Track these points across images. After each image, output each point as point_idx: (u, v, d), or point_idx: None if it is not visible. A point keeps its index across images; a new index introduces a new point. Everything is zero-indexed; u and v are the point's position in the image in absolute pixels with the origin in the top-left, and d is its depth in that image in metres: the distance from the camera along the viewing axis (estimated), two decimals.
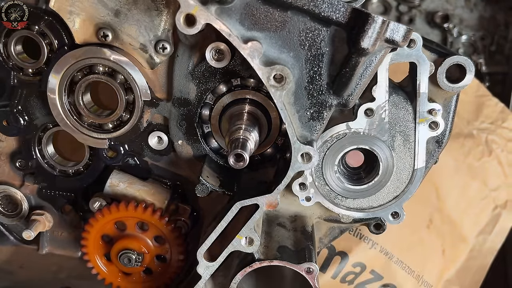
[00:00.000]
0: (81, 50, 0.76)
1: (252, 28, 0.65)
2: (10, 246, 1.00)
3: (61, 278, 0.98)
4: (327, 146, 0.78)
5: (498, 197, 1.44)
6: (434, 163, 0.82)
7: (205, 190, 0.76)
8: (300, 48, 0.66)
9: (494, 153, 1.41)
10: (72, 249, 0.99)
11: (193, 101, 0.78)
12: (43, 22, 0.76)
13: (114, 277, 0.92)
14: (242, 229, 0.75)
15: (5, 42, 0.79)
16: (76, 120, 0.81)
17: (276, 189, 0.73)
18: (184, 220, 0.90)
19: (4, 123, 0.85)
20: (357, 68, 0.65)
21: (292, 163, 0.71)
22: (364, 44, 0.61)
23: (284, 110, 0.67)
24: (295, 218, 0.88)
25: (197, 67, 0.75)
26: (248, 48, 0.63)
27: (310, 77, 0.68)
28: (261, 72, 0.64)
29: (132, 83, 0.77)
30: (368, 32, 0.60)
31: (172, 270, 0.90)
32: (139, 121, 0.80)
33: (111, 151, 0.85)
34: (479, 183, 1.40)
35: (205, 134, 0.82)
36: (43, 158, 0.90)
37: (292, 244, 0.84)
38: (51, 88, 0.78)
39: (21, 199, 0.94)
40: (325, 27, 0.64)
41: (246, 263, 0.80)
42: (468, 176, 1.39)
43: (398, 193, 0.81)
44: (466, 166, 1.39)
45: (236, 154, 0.68)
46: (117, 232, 0.88)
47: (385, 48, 0.66)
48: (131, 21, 0.73)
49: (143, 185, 0.88)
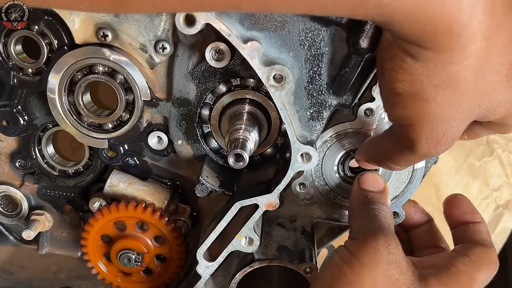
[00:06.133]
0: (81, 50, 0.75)
1: (252, 28, 0.64)
2: (10, 246, 1.00)
3: (61, 278, 0.97)
4: (327, 146, 0.78)
5: (500, 197, 1.44)
6: (434, 163, 0.82)
7: (204, 190, 0.76)
8: (299, 48, 0.66)
9: (496, 153, 1.41)
10: (72, 249, 0.99)
11: (193, 101, 0.78)
12: (43, 22, 0.76)
13: (114, 277, 0.92)
14: (242, 229, 0.75)
15: (5, 42, 0.79)
16: (75, 120, 0.81)
17: (276, 189, 0.73)
18: (184, 220, 0.90)
19: (4, 123, 0.85)
20: (357, 68, 0.65)
21: (292, 163, 0.70)
22: (363, 44, 0.60)
23: (283, 110, 0.67)
24: (295, 218, 0.88)
25: (197, 67, 0.75)
26: (248, 48, 0.63)
27: (310, 77, 0.68)
28: (261, 72, 0.64)
29: (132, 83, 0.77)
30: (368, 32, 0.60)
31: (172, 270, 0.90)
32: (139, 121, 0.80)
33: (111, 151, 0.85)
34: (480, 183, 1.41)
35: (205, 134, 0.82)
36: (43, 158, 0.91)
37: (292, 244, 0.84)
38: (51, 88, 0.78)
39: (21, 199, 0.94)
40: (324, 27, 0.64)
41: (246, 263, 0.80)
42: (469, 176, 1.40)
43: (397, 193, 0.81)
44: (467, 166, 1.39)
45: (236, 154, 0.68)
46: (117, 232, 0.88)
47: None
48: (131, 21, 0.73)
49: (143, 185, 0.88)
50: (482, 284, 0.67)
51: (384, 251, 0.62)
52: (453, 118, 0.54)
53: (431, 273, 0.65)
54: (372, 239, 0.63)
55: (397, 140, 0.61)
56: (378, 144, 0.68)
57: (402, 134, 0.58)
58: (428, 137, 0.55)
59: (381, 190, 0.74)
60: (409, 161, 0.64)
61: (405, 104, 0.54)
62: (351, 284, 0.61)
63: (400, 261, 0.63)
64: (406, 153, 0.61)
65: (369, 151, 0.71)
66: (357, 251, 0.63)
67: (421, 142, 0.56)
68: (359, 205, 0.72)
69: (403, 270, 0.62)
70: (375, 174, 0.75)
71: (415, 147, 0.57)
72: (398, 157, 0.63)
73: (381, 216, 0.68)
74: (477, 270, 0.66)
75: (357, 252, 0.63)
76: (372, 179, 0.74)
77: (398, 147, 0.62)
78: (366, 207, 0.70)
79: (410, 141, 0.57)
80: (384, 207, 0.70)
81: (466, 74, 0.50)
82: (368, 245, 0.63)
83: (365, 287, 0.61)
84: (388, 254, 0.62)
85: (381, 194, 0.73)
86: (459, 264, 0.66)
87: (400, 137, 0.59)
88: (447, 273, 0.65)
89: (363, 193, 0.73)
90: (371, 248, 0.63)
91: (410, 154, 0.60)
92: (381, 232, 0.64)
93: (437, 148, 0.56)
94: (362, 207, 0.71)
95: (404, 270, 0.62)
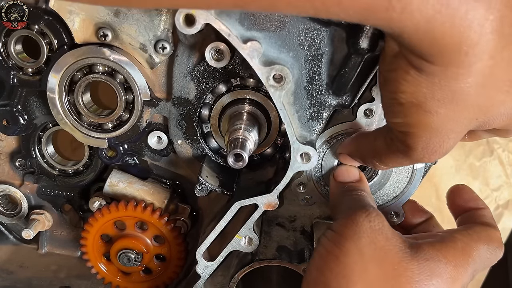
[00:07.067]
0: (81, 49, 0.76)
1: (252, 28, 0.64)
2: (10, 245, 1.00)
3: (61, 277, 0.98)
4: (326, 146, 0.78)
5: (500, 197, 1.44)
6: (433, 163, 0.82)
7: (204, 189, 0.76)
8: (299, 48, 0.66)
9: (496, 153, 1.41)
10: (71, 249, 1.00)
11: (193, 101, 0.78)
12: (43, 22, 0.76)
13: (114, 276, 0.92)
14: (241, 229, 0.75)
15: (5, 41, 0.79)
16: (75, 120, 0.81)
17: (275, 189, 0.73)
18: (183, 220, 0.90)
19: (4, 123, 0.85)
20: (357, 69, 0.65)
21: (291, 163, 0.71)
22: (363, 44, 0.60)
23: (283, 110, 0.67)
24: (294, 218, 0.88)
25: (197, 67, 0.75)
26: (248, 48, 0.63)
27: (310, 77, 0.68)
28: (261, 72, 0.64)
29: (132, 82, 0.77)
30: (368, 33, 0.60)
31: (171, 269, 0.90)
32: (139, 120, 0.80)
33: (111, 150, 0.85)
34: (480, 183, 1.41)
35: (205, 134, 0.82)
36: (42, 158, 0.91)
37: (292, 244, 0.84)
38: (51, 87, 0.78)
39: (21, 198, 0.95)
40: (324, 27, 0.64)
41: (245, 263, 0.80)
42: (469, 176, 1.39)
43: (397, 193, 0.81)
44: (467, 166, 1.39)
45: (235, 154, 0.68)
46: (117, 232, 0.88)
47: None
48: (131, 21, 0.73)
49: (143, 184, 0.88)
50: (482, 259, 0.64)
51: (365, 221, 0.62)
52: (451, 131, 0.55)
53: (426, 241, 0.64)
54: (353, 214, 0.64)
55: (392, 143, 0.61)
56: (368, 141, 0.68)
57: (398, 138, 0.59)
58: (425, 147, 0.56)
59: (357, 179, 0.74)
60: (399, 163, 0.64)
61: (406, 114, 0.55)
62: (338, 259, 0.61)
63: (383, 228, 0.62)
64: (398, 156, 0.61)
65: (357, 147, 0.71)
66: (339, 228, 0.64)
67: (417, 149, 0.57)
68: (338, 197, 0.73)
69: (388, 236, 0.62)
70: (348, 166, 0.75)
71: (410, 153, 0.58)
72: (389, 158, 0.64)
73: (361, 198, 0.69)
74: (475, 241, 0.64)
75: (340, 228, 0.63)
76: (346, 171, 0.75)
77: (391, 149, 0.62)
78: (345, 194, 0.71)
79: (406, 147, 0.58)
80: (363, 192, 0.71)
81: (469, 90, 0.51)
82: (349, 220, 0.63)
83: (351, 258, 0.60)
84: (369, 223, 0.62)
85: (358, 183, 0.73)
86: (457, 234, 0.65)
87: (396, 140, 0.60)
88: (442, 240, 0.64)
89: (340, 185, 0.74)
90: (352, 221, 0.63)
91: (403, 158, 0.61)
92: (362, 208, 0.65)
93: (431, 157, 0.58)
94: (341, 196, 0.72)
95: (389, 236, 0.62)
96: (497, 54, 0.48)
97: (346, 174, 0.74)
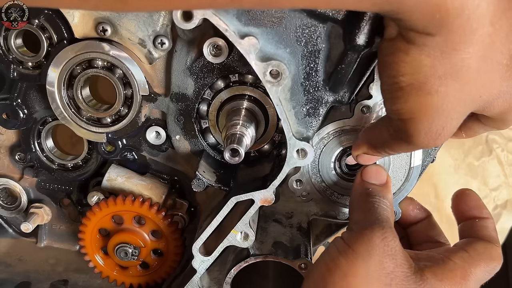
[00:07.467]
0: (80, 44, 0.76)
1: (249, 24, 0.65)
2: (9, 238, 1.01)
3: (59, 271, 0.98)
4: (323, 143, 0.79)
5: (498, 197, 1.44)
6: (431, 161, 0.82)
7: (201, 185, 0.77)
8: (296, 44, 0.66)
9: (494, 153, 1.41)
10: (70, 243, 1.00)
11: (191, 97, 0.78)
12: (43, 16, 0.76)
13: (111, 270, 0.92)
14: (237, 224, 0.76)
15: (5, 35, 0.79)
16: (74, 114, 0.81)
17: (271, 184, 0.73)
18: (181, 215, 0.90)
19: (3, 116, 0.86)
20: (353, 65, 0.66)
21: (287, 159, 0.71)
22: (359, 40, 0.61)
23: (280, 106, 0.68)
24: (291, 215, 0.88)
25: (195, 62, 0.75)
26: (245, 43, 0.64)
27: (306, 73, 0.68)
28: (257, 67, 0.64)
29: (131, 77, 0.77)
30: (364, 29, 0.60)
31: (168, 264, 0.90)
32: (137, 115, 0.81)
33: (109, 145, 0.86)
34: (479, 183, 1.41)
35: (203, 129, 0.82)
36: (42, 152, 0.91)
37: (288, 240, 0.84)
38: (50, 81, 0.78)
39: (20, 192, 0.95)
40: (321, 23, 0.65)
41: (241, 258, 0.81)
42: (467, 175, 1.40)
43: (394, 191, 0.81)
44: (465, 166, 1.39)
45: (232, 149, 0.69)
46: (114, 226, 0.88)
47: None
48: (130, 16, 0.74)
49: (141, 179, 0.88)
50: (478, 280, 0.66)
51: (380, 243, 0.62)
52: (453, 110, 0.54)
53: (427, 266, 0.64)
54: (369, 231, 0.63)
55: (394, 133, 0.61)
56: (374, 133, 0.68)
57: (399, 127, 0.59)
58: (428, 131, 0.56)
59: (383, 183, 0.73)
60: (407, 150, 0.66)
61: (407, 99, 0.55)
62: (346, 277, 0.61)
63: (396, 254, 0.63)
64: (403, 144, 0.62)
65: (368, 142, 0.71)
66: (352, 242, 0.64)
67: (420, 135, 0.57)
68: (359, 197, 0.72)
69: (398, 262, 0.62)
70: (378, 167, 0.75)
71: (413, 140, 0.58)
72: (396, 146, 0.64)
73: (381, 209, 0.68)
74: (473, 266, 0.65)
75: (353, 243, 0.63)
76: (375, 172, 0.74)
77: (395, 139, 0.62)
78: (366, 199, 0.70)
79: (408, 135, 0.58)
80: (385, 200, 0.70)
81: (470, 62, 0.51)
82: (364, 237, 0.63)
83: (358, 280, 0.61)
84: (384, 246, 0.62)
85: (382, 187, 0.73)
86: (456, 258, 0.66)
87: (397, 130, 0.60)
88: (442, 267, 0.64)
89: (364, 185, 0.73)
90: (367, 239, 0.63)
91: (407, 145, 0.61)
92: (379, 225, 0.64)
93: (436, 141, 0.57)
94: (362, 199, 0.71)
95: (399, 262, 0.62)
96: (496, 21, 0.49)
97: (374, 175, 0.74)
